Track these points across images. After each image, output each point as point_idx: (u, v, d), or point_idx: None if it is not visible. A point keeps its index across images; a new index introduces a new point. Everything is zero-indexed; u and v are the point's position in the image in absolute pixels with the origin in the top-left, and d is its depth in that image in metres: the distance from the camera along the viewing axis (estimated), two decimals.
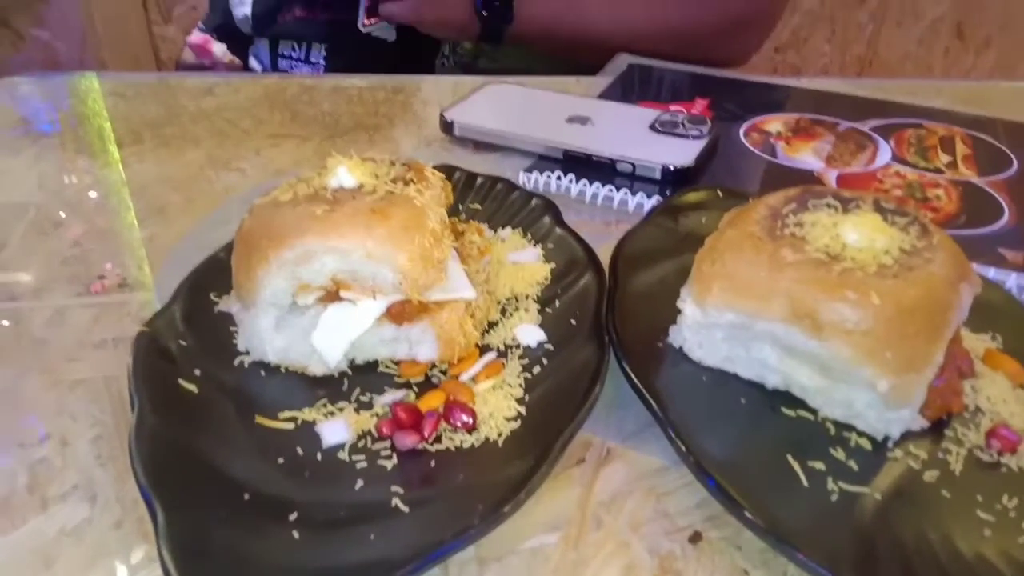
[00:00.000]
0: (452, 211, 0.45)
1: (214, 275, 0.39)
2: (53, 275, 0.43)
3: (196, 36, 0.80)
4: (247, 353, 0.35)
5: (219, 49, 0.79)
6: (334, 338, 0.34)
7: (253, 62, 0.94)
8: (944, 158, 0.56)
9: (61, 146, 0.58)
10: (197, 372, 0.33)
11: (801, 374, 0.33)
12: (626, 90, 0.68)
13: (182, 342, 0.35)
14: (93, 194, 0.52)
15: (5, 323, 0.40)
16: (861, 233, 0.32)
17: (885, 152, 0.57)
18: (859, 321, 0.30)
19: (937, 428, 0.32)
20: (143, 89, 0.67)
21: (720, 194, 0.47)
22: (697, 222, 0.44)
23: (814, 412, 0.33)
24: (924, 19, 1.57)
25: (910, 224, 0.33)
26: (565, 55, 0.81)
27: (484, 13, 0.79)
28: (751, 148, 0.57)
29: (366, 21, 0.89)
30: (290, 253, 0.33)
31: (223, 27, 0.93)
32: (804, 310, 0.31)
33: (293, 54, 0.92)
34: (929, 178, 0.53)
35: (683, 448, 0.29)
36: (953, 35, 1.60)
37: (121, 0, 1.37)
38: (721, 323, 0.33)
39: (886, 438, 0.31)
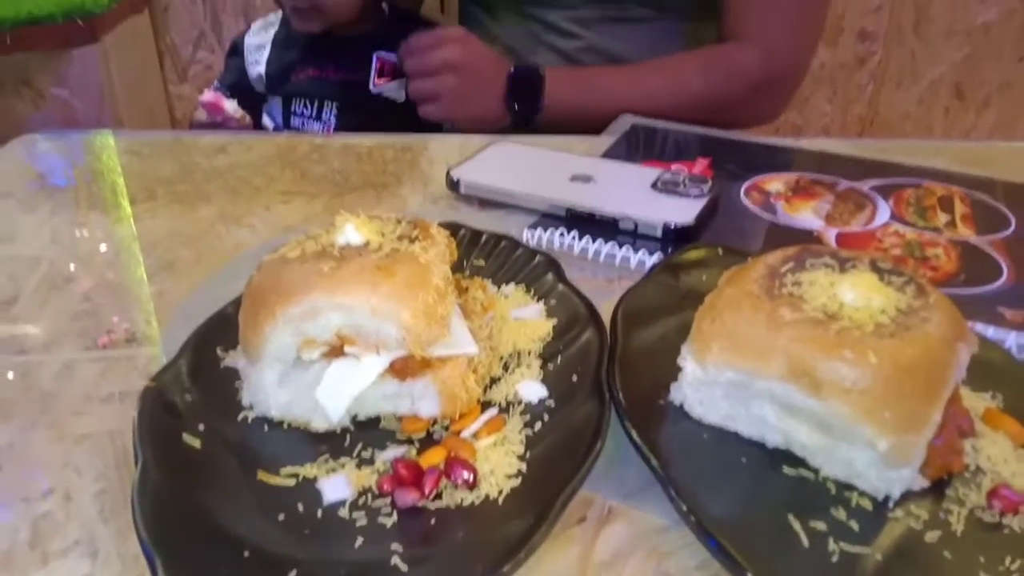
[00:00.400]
0: (457, 267, 0.45)
1: (221, 330, 0.39)
2: (63, 329, 0.44)
3: (208, 94, 0.82)
4: (251, 408, 0.36)
5: (230, 106, 0.82)
6: (337, 393, 0.34)
7: (266, 119, 0.97)
8: (943, 217, 0.57)
9: (75, 202, 0.59)
10: (201, 427, 0.34)
11: (801, 433, 0.33)
12: (629, 149, 0.70)
13: (187, 396, 0.35)
14: (104, 249, 0.53)
15: (14, 376, 0.40)
16: (858, 292, 0.33)
17: (884, 211, 0.58)
18: (857, 380, 0.30)
19: (938, 488, 0.32)
20: (158, 147, 0.69)
21: (720, 252, 0.48)
22: (698, 280, 0.45)
23: (815, 471, 0.33)
24: (923, 80, 1.60)
25: (906, 284, 0.33)
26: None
27: (516, 107, 0.83)
28: (751, 207, 0.58)
29: (377, 81, 0.91)
30: (296, 309, 0.33)
31: (237, 85, 0.96)
32: (802, 369, 0.31)
33: (305, 111, 0.94)
34: (928, 237, 0.54)
35: (684, 508, 0.29)
36: (952, 95, 1.63)
37: (139, 60, 1.42)
38: (721, 381, 0.34)
39: (887, 498, 0.31)
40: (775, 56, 0.88)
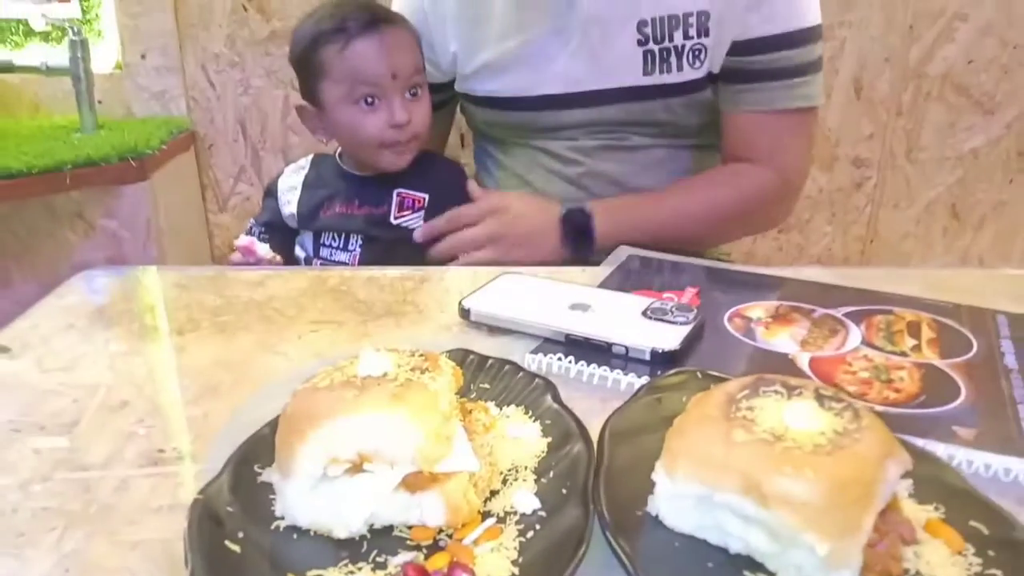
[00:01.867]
0: (464, 390, 0.51)
1: (258, 450, 0.45)
2: (119, 448, 0.50)
3: (243, 240, 0.92)
4: (283, 518, 0.41)
5: (262, 249, 0.91)
6: (357, 505, 0.40)
7: (298, 249, 1.06)
8: (910, 342, 0.63)
9: (129, 332, 0.67)
10: (240, 535, 0.39)
11: (758, 540, 0.37)
12: (624, 279, 0.77)
13: (229, 508, 0.41)
14: (155, 375, 0.60)
15: (78, 490, 0.46)
16: (801, 417, 0.38)
17: (855, 336, 0.63)
18: (798, 493, 0.35)
19: None
20: (203, 280, 0.77)
21: (699, 375, 0.53)
22: (678, 401, 0.50)
23: (772, 575, 0.37)
24: (919, 202, 1.68)
25: (844, 410, 0.39)
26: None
27: (570, 247, 0.94)
28: (733, 332, 0.64)
29: (398, 215, 1.01)
30: (324, 431, 0.39)
31: (271, 223, 1.06)
32: (753, 483, 0.36)
33: (333, 243, 1.03)
34: (894, 361, 0.60)
35: None
36: (949, 216, 1.71)
37: (183, 193, 1.54)
38: (688, 494, 0.39)
39: None
40: (787, 172, 1.01)
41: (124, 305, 0.74)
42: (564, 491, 0.42)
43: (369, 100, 0.95)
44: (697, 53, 0.96)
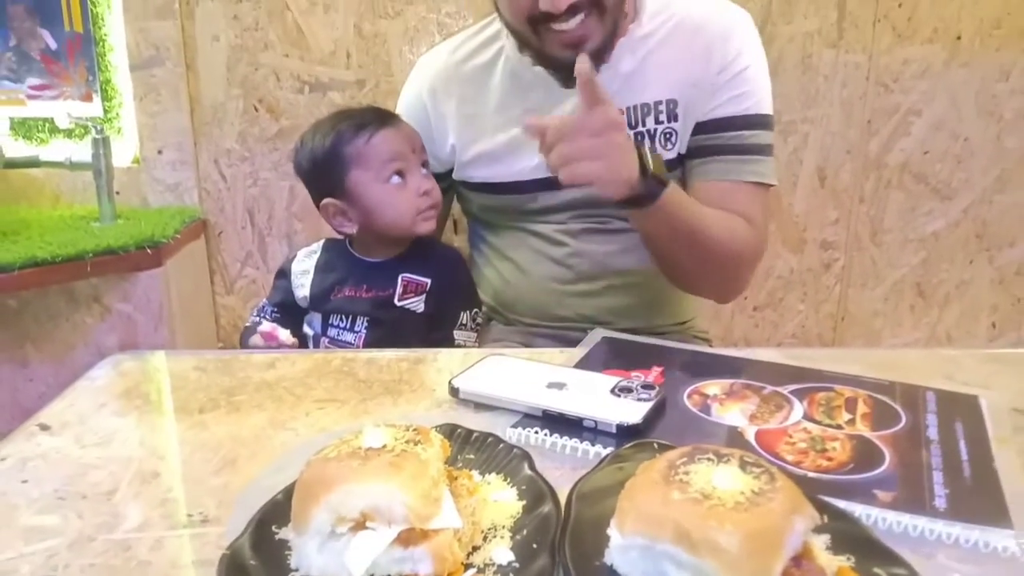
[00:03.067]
0: (452, 459, 0.60)
1: (275, 513, 0.53)
2: (153, 513, 0.58)
3: (266, 326, 1.01)
4: (297, 570, 0.49)
5: (284, 335, 1.00)
6: (360, 557, 0.47)
7: (306, 327, 1.15)
8: (846, 416, 0.71)
9: (156, 411, 0.75)
10: None
11: None
12: (598, 359, 0.85)
13: (252, 561, 0.49)
14: (181, 450, 0.68)
15: (118, 550, 0.54)
16: (725, 479, 0.46)
17: (798, 411, 0.72)
18: (720, 543, 0.43)
19: None
20: (219, 364, 0.86)
21: (656, 446, 0.61)
22: (636, 468, 0.58)
23: None
24: (886, 282, 1.79)
25: (762, 473, 0.47)
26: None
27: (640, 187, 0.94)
28: (691, 408, 0.73)
29: (402, 298, 1.10)
30: (334, 495, 0.47)
31: (283, 303, 1.15)
32: (684, 534, 0.44)
33: (340, 324, 1.12)
34: (830, 433, 0.68)
35: None
36: (916, 294, 1.81)
37: (193, 277, 1.64)
38: (635, 545, 0.47)
39: None
40: (759, 231, 1.09)
41: (149, 386, 0.82)
42: (535, 545, 0.50)
43: (399, 174, 1.07)
44: (668, 136, 1.09)
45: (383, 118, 1.09)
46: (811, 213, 1.71)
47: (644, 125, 1.09)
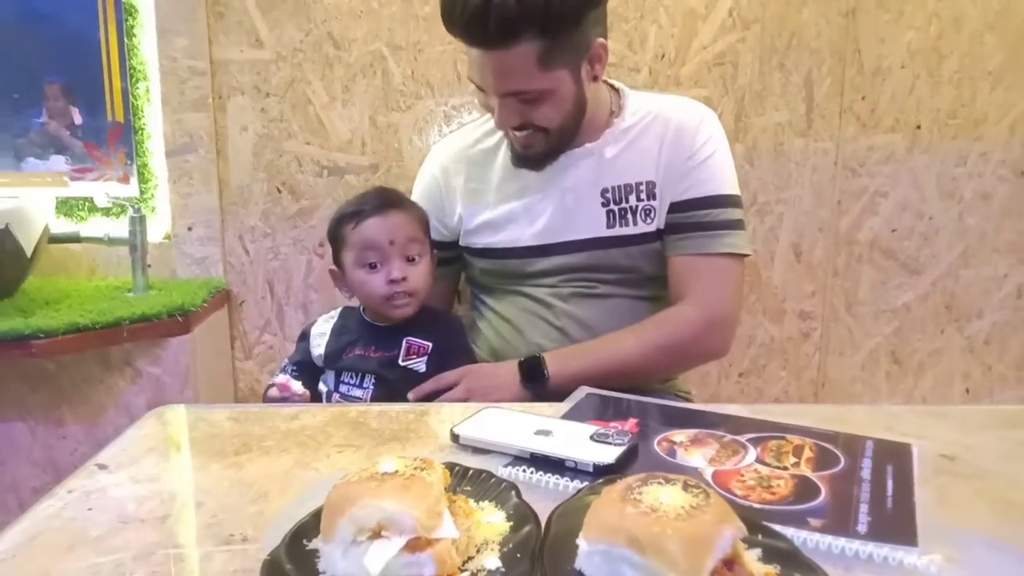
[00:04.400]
0: (452, 489, 0.71)
1: (305, 530, 0.65)
2: (202, 533, 0.69)
3: (280, 377, 1.14)
4: (324, 572, 0.60)
5: (296, 386, 1.13)
6: (376, 561, 0.59)
7: (321, 384, 1.27)
8: (792, 460, 0.82)
9: (197, 454, 0.87)
10: None
11: None
12: (582, 411, 0.97)
13: (288, 566, 0.60)
14: (220, 486, 0.79)
15: (175, 562, 0.65)
16: (670, 497, 0.58)
17: (751, 455, 0.83)
18: (662, 545, 0.54)
19: None
20: (250, 415, 0.98)
21: None
22: None
23: None
24: (862, 350, 1.90)
25: (700, 493, 0.59)
26: None
27: (527, 384, 1.19)
28: (659, 452, 0.84)
29: (406, 359, 1.22)
30: (356, 509, 0.59)
31: (302, 362, 1.28)
32: (634, 539, 0.55)
33: (351, 381, 1.25)
34: (776, 473, 0.79)
35: None
36: (891, 362, 1.92)
37: (216, 343, 1.77)
38: (598, 551, 0.58)
39: None
40: (712, 309, 1.23)
41: (191, 434, 0.94)
42: (519, 555, 0.61)
43: (372, 264, 1.20)
44: (648, 212, 1.25)
45: (380, 207, 1.23)
46: (788, 285, 1.84)
47: (627, 202, 1.25)
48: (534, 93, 1.15)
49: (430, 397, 1.18)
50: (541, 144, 1.24)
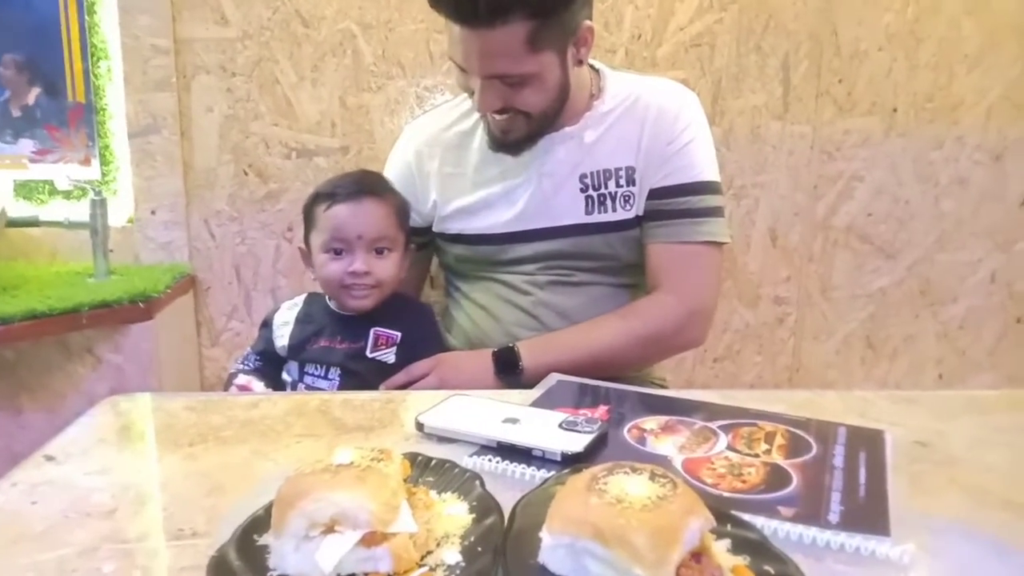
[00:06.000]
0: (413, 480, 0.68)
1: (256, 525, 0.62)
2: (151, 528, 0.66)
3: (242, 379, 1.11)
4: (275, 569, 0.57)
5: (258, 387, 1.09)
6: (329, 556, 0.56)
7: (285, 375, 1.24)
8: (764, 447, 0.81)
9: (152, 445, 0.83)
10: None
11: (607, 573, 0.54)
12: (552, 399, 0.95)
13: (236, 562, 0.57)
14: (174, 477, 0.76)
15: (121, 557, 0.62)
16: (636, 487, 0.56)
17: (722, 443, 0.81)
18: (628, 537, 0.52)
19: None
20: (208, 404, 0.94)
21: None
22: None
23: None
24: (837, 335, 1.90)
25: (667, 483, 0.57)
26: None
27: (501, 375, 1.16)
28: (629, 440, 0.82)
29: (374, 350, 1.19)
30: (307, 503, 0.56)
31: (264, 351, 1.24)
32: (600, 531, 0.53)
33: (315, 372, 1.21)
34: (747, 461, 0.77)
35: None
36: (865, 347, 1.92)
37: (181, 330, 1.73)
38: (562, 544, 0.56)
39: None
40: (689, 298, 1.21)
41: (144, 424, 0.90)
42: (480, 549, 0.59)
43: (337, 251, 1.16)
44: (627, 198, 1.22)
45: (355, 193, 1.19)
46: (764, 271, 1.83)
47: (606, 188, 1.22)
48: (519, 76, 1.12)
49: (402, 388, 1.15)
50: (521, 129, 1.20)
